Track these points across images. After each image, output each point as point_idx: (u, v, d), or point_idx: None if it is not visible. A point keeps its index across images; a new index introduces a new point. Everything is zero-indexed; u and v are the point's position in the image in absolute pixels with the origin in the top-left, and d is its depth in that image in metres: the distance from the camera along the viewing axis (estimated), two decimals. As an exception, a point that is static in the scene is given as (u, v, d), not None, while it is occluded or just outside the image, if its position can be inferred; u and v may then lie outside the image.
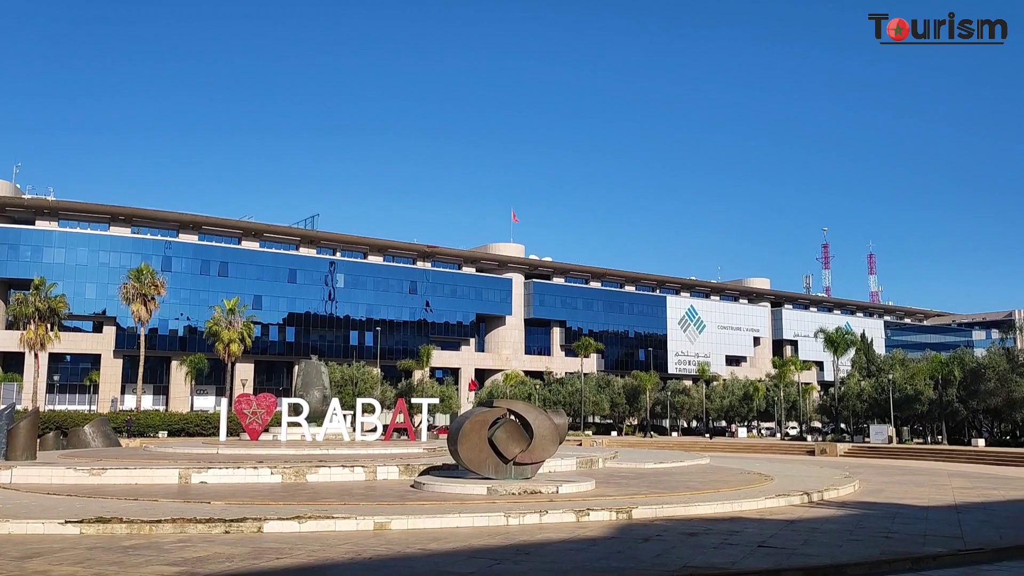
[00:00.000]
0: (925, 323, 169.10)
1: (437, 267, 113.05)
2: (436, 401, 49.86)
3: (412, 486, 23.19)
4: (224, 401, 44.48)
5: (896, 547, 15.38)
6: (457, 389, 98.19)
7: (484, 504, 19.46)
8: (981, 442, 62.19)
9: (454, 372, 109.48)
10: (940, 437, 68.15)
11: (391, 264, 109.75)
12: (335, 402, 38.76)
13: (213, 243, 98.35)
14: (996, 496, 26.37)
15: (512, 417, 23.35)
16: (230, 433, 39.90)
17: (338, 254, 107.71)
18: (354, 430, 38.79)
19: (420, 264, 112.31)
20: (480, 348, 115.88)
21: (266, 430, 38.33)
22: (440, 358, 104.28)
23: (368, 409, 40.61)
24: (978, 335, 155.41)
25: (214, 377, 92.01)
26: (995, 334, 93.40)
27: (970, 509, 22.33)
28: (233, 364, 77.92)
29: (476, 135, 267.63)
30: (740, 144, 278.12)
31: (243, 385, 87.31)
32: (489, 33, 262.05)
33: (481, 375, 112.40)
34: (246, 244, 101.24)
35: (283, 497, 20.81)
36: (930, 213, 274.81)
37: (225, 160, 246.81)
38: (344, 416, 39.22)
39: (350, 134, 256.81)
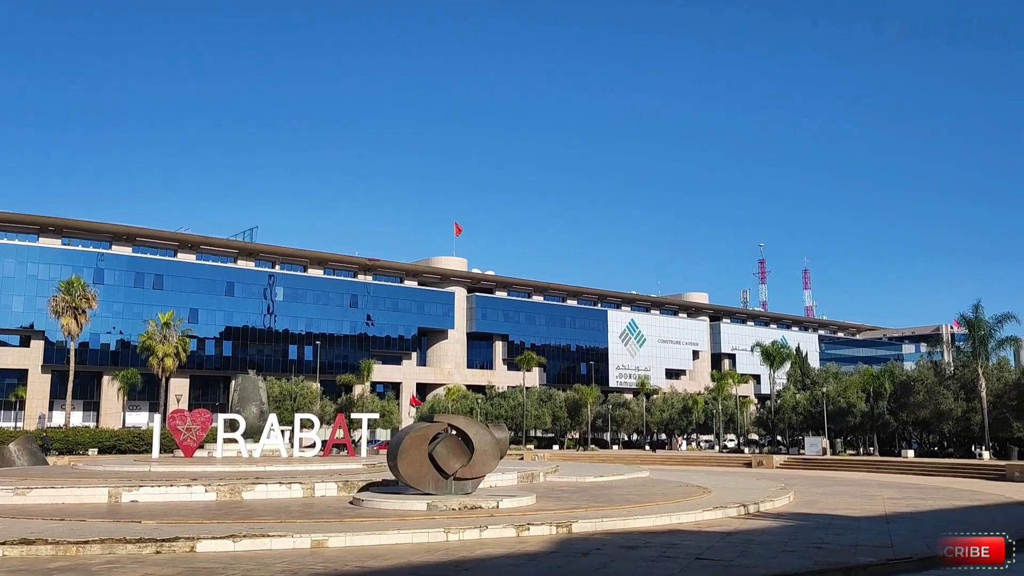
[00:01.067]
0: (858, 337, 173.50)
1: (379, 280, 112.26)
2: (376, 416, 49.51)
3: (351, 503, 22.88)
4: (157, 417, 43.40)
5: (828, 557, 15.68)
6: (398, 404, 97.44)
7: (424, 520, 19.28)
8: (910, 453, 63.94)
9: (395, 387, 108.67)
10: (872, 449, 69.85)
11: (332, 277, 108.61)
12: (273, 417, 38.09)
13: (148, 255, 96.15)
14: (924, 506, 27.10)
15: (453, 432, 23.24)
16: (164, 450, 38.93)
17: (277, 267, 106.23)
18: (292, 446, 38.18)
19: (361, 277, 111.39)
20: (422, 362, 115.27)
21: (201, 447, 37.48)
22: (381, 372, 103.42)
23: (307, 424, 40.03)
24: (908, 349, 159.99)
25: (148, 393, 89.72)
26: (924, 348, 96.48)
27: (899, 519, 22.90)
28: (168, 379, 76.09)
29: (419, 147, 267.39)
30: (680, 159, 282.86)
31: (178, 401, 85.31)
32: (430, 44, 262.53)
33: (423, 389, 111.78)
34: (182, 256, 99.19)
35: (217, 515, 20.33)
36: (863, 229, 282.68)
37: (162, 171, 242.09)
38: (282, 432, 38.59)
39: (290, 146, 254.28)
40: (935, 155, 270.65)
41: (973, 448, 62.83)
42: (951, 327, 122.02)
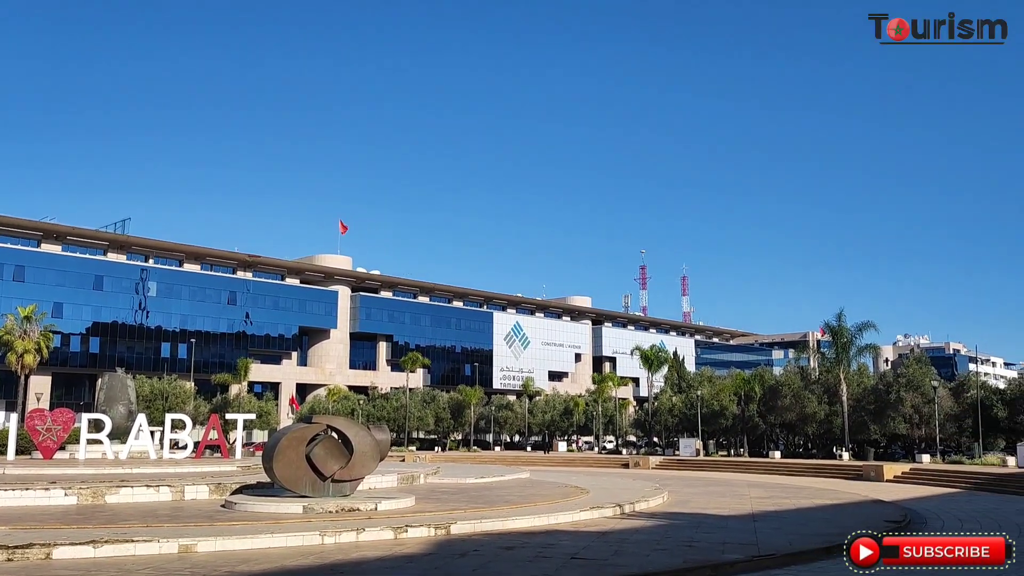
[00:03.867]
0: (732, 342, 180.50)
1: (259, 277, 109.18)
2: (253, 417, 48.19)
3: (223, 506, 22.17)
4: (14, 417, 40.86)
5: (698, 555, 16.23)
6: (277, 405, 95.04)
7: (299, 523, 18.88)
8: (777, 454, 67.02)
9: (274, 387, 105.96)
10: (742, 450, 72.80)
11: (209, 273, 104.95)
12: (141, 417, 36.53)
13: (8, 245, 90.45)
14: (788, 504, 28.42)
15: (332, 433, 22.88)
16: (21, 451, 36.71)
17: (151, 261, 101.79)
18: (162, 447, 36.70)
19: (241, 274, 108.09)
20: (303, 362, 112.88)
21: (62, 448, 35.56)
22: (260, 372, 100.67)
23: (178, 425, 38.57)
24: (777, 354, 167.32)
25: (5, 391, 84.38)
26: (792, 354, 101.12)
27: (765, 517, 23.93)
28: (27, 377, 71.75)
29: (304, 142, 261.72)
30: (565, 165, 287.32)
31: (38, 399, 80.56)
32: (314, 33, 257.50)
33: (303, 390, 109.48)
34: (46, 247, 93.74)
35: (77, 520, 19.31)
36: (740, 238, 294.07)
37: (26, 158, 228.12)
38: (152, 433, 37.05)
39: (168, 135, 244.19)
40: (803, 167, 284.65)
41: (834, 449, 66.33)
42: (817, 334, 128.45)
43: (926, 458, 55.63)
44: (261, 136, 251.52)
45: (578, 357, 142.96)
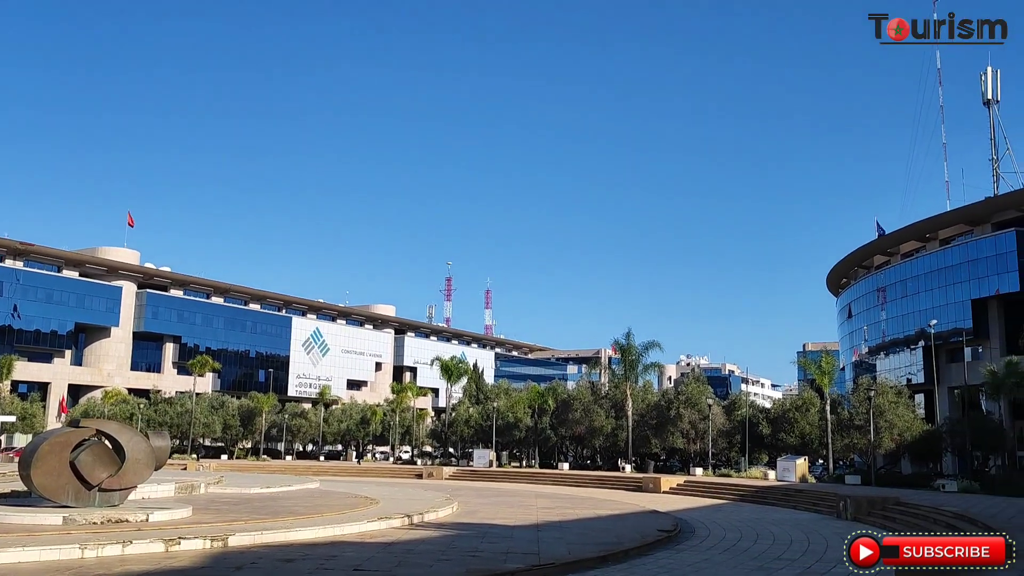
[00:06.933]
0: (530, 356, 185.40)
1: (32, 267, 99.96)
2: (13, 419, 43.87)
3: (-33, 517, 19.98)
4: None
5: (481, 565, 16.43)
6: (44, 407, 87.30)
7: (57, 535, 17.34)
8: (565, 466, 69.34)
9: (43, 387, 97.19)
10: (534, 461, 74.74)
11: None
12: None
13: None
14: (572, 515, 29.44)
15: (102, 439, 21.28)
16: None
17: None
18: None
19: (10, 262, 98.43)
20: (78, 361, 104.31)
21: None
22: (27, 371, 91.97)
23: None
24: (572, 369, 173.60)
25: None
26: (585, 369, 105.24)
27: (549, 527, 24.64)
28: None
29: (92, 126, 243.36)
30: (373, 172, 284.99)
31: None
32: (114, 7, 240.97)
33: (78, 391, 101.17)
34: None
35: None
36: (543, 255, 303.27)
37: None
38: None
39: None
40: (599, 189, 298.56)
41: (619, 462, 69.50)
42: (609, 351, 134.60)
43: (699, 471, 59.56)
44: (44, 116, 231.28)
45: (379, 366, 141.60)
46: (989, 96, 76.86)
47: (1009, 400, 54.12)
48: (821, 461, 62.01)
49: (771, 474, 53.68)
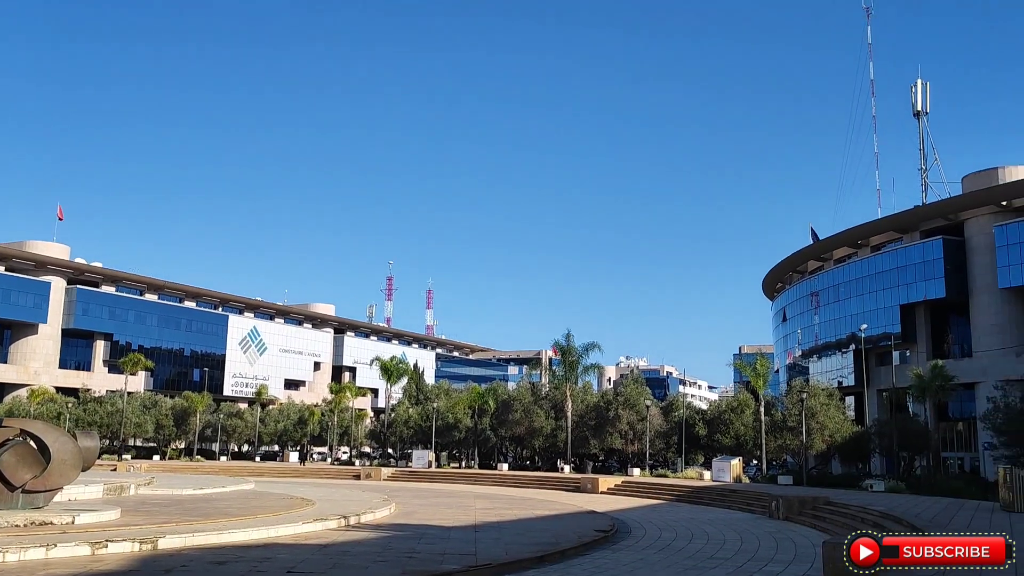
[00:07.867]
0: (471, 357, 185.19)
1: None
2: (-67, 419, 42.11)
3: None
4: None
5: (417, 566, 16.33)
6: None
7: (-24, 540, 16.72)
8: (505, 466, 69.40)
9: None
10: (474, 462, 74.67)
11: None
12: None
13: None
14: (510, 516, 29.48)
15: (27, 439, 20.60)
16: None
17: None
18: None
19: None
20: (3, 359, 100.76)
21: None
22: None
23: None
24: (513, 370, 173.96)
25: None
26: (526, 370, 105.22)
27: (487, 528, 24.62)
28: None
29: (18, 117, 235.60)
30: (312, 170, 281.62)
31: None
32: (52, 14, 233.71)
33: (1, 390, 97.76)
34: None
35: None
36: (486, 255, 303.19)
37: None
38: None
39: None
40: (542, 192, 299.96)
41: (558, 462, 69.84)
42: (550, 352, 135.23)
43: (637, 471, 60.20)
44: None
45: (317, 366, 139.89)
46: (919, 108, 79.42)
47: (934, 402, 55.91)
48: (755, 462, 63.17)
49: (707, 474, 54.52)
